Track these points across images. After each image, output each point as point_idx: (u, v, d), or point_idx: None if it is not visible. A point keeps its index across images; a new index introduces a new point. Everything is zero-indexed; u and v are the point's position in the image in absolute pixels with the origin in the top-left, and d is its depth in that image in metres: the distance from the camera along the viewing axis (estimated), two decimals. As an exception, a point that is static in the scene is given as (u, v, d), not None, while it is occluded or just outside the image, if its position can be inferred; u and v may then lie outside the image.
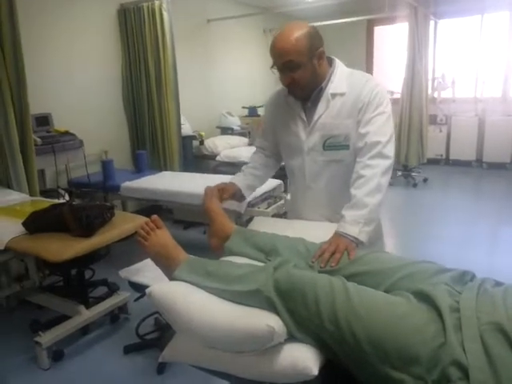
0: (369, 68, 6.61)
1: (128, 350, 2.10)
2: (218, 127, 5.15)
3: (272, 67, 1.44)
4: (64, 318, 2.18)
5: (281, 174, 1.94)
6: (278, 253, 1.27)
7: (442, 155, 6.36)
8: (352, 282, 1.09)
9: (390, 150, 1.40)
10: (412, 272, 1.09)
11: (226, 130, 5.12)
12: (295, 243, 1.31)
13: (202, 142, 4.52)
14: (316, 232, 1.41)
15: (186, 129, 4.32)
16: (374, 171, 1.36)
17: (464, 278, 1.06)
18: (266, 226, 1.62)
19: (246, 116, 5.52)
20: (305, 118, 1.51)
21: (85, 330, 2.28)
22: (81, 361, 2.11)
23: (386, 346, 0.89)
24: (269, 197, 3.20)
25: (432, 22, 6.03)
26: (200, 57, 4.96)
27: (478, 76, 6.14)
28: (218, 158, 4.53)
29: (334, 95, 1.46)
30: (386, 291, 1.07)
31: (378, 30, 6.51)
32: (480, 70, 6.10)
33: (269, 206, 3.18)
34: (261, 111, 5.59)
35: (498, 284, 1.03)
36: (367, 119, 1.41)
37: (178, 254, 1.26)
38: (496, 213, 4.24)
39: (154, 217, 1.31)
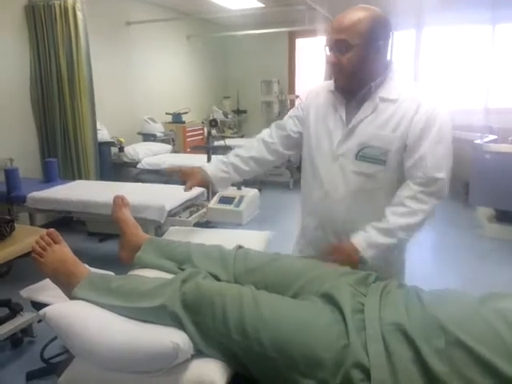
0: (291, 78, 6.81)
1: (31, 376, 1.90)
2: (139, 133, 4.96)
3: (325, 45, 1.28)
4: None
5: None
6: (191, 261, 1.25)
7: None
8: (264, 285, 1.09)
9: (447, 188, 1.25)
10: (319, 274, 1.11)
11: (148, 137, 4.95)
12: (210, 250, 1.29)
13: (121, 149, 4.31)
14: (233, 240, 1.39)
15: (104, 134, 4.09)
16: (422, 208, 1.23)
17: (367, 279, 1.09)
18: (181, 235, 1.57)
19: (170, 122, 5.40)
20: (344, 119, 1.32)
21: (-19, 358, 2.04)
22: (-24, 393, 1.88)
23: (292, 351, 0.89)
24: (191, 205, 3.13)
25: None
26: (119, 60, 4.76)
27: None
28: (139, 166, 4.37)
29: (383, 100, 1.28)
30: (295, 295, 1.08)
31: (300, 42, 6.74)
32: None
33: (191, 214, 3.11)
34: (185, 118, 5.50)
35: (400, 286, 1.08)
36: (426, 147, 1.23)
37: (78, 270, 1.17)
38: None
39: (51, 230, 1.21)
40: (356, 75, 1.26)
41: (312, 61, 6.40)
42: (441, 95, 1.31)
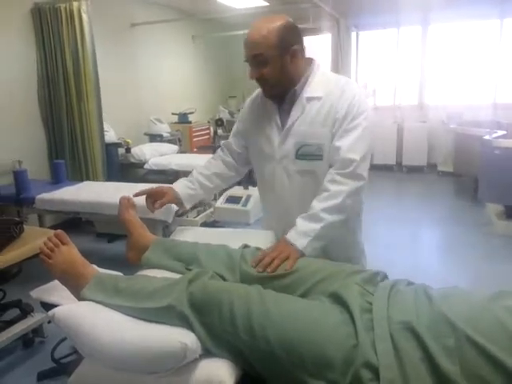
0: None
1: (42, 376, 1.92)
2: (146, 134, 4.99)
3: (245, 60, 1.35)
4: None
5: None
6: (198, 261, 1.25)
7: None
8: (271, 286, 1.09)
9: (364, 170, 1.30)
10: (327, 275, 1.11)
11: (154, 137, 4.97)
12: (216, 250, 1.29)
13: (128, 150, 4.33)
14: (239, 239, 1.39)
15: (111, 136, 4.12)
16: (341, 189, 1.27)
17: (375, 278, 1.09)
18: (188, 235, 1.58)
19: (176, 123, 5.42)
20: (279, 123, 1.40)
21: (-8, 358, 2.06)
22: (-12, 393, 1.90)
23: (300, 350, 0.89)
24: (198, 205, 3.15)
25: (354, 34, 6.36)
26: (125, 62, 4.78)
27: (396, 85, 6.55)
28: (146, 166, 4.39)
29: (309, 99, 1.35)
30: (303, 295, 1.08)
31: (305, 40, 6.70)
32: (398, 79, 6.52)
33: (198, 214, 3.13)
34: (192, 118, 5.52)
35: (410, 284, 1.07)
36: (341, 132, 1.31)
37: (87, 271, 1.17)
38: (417, 211, 4.52)
39: (58, 231, 1.21)
40: (280, 83, 1.34)
41: (317, 59, 6.37)
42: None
